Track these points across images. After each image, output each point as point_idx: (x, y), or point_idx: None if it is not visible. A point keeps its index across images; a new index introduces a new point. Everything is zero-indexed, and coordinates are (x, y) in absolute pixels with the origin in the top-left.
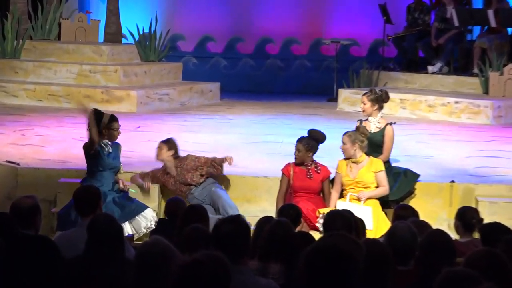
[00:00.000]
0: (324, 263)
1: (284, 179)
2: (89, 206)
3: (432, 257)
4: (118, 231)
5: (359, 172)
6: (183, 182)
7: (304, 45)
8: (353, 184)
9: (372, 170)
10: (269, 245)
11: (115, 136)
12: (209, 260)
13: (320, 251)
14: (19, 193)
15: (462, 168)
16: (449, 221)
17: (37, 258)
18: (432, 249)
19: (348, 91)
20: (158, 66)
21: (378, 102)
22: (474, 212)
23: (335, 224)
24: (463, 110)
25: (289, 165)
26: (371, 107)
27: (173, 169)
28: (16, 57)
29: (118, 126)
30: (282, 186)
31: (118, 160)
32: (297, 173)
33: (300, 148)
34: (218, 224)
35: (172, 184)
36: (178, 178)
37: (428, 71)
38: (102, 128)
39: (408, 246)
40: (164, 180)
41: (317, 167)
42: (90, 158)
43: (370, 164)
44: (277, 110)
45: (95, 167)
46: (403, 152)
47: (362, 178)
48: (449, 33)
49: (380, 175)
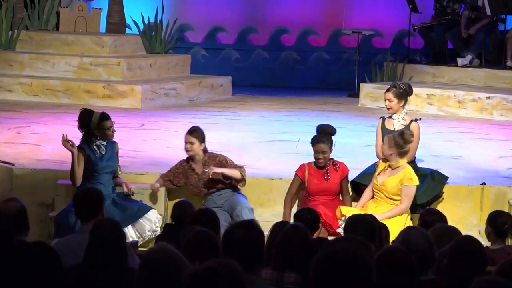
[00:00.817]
0: (334, 268)
1: (296, 181)
2: (91, 210)
3: (461, 266)
4: (121, 237)
5: (385, 180)
6: (206, 182)
7: (322, 36)
8: (379, 189)
9: (400, 181)
10: (284, 253)
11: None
12: (222, 269)
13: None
14: (15, 195)
15: (494, 170)
16: (480, 227)
17: (36, 266)
18: (461, 257)
19: (371, 85)
20: (164, 59)
21: (404, 97)
22: (507, 216)
23: (356, 229)
24: (495, 107)
25: (304, 166)
26: (397, 104)
27: (200, 166)
28: (11, 48)
29: (111, 124)
30: (291, 188)
31: (113, 161)
32: (313, 175)
33: (325, 149)
34: (229, 229)
35: (196, 181)
36: (202, 176)
37: (457, 64)
38: (93, 129)
39: (425, 253)
40: (188, 175)
41: (336, 165)
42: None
43: (401, 174)
44: (293, 106)
45: (89, 172)
46: (429, 152)
47: (386, 187)
48: (481, 23)
49: (404, 189)
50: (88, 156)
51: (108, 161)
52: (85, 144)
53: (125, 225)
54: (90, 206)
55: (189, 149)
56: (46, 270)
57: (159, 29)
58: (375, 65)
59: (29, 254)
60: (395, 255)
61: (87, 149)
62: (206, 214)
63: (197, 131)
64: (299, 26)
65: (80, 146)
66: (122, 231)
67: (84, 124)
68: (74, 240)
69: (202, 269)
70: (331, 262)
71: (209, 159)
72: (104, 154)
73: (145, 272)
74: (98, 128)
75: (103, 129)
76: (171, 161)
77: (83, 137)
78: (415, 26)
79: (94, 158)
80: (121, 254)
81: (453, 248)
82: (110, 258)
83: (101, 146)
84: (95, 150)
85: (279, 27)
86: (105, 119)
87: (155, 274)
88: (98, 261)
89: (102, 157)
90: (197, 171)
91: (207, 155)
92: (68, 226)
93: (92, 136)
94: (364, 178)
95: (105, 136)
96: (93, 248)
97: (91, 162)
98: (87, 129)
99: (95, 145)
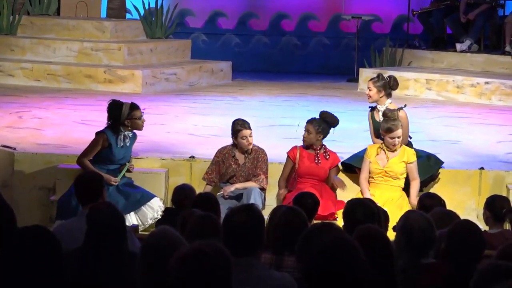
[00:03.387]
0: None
1: (289, 163)
2: (92, 194)
3: (458, 250)
4: (120, 221)
5: (390, 161)
6: (243, 175)
7: (322, 21)
8: (382, 173)
9: (404, 160)
10: (283, 236)
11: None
12: (210, 249)
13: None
14: (16, 180)
15: (492, 154)
16: (478, 211)
17: (35, 250)
18: (459, 241)
19: (370, 70)
20: (165, 44)
21: (385, 89)
22: (504, 201)
23: (356, 214)
24: (494, 92)
25: (296, 148)
26: (377, 94)
27: (242, 156)
28: (12, 33)
29: (140, 114)
30: (285, 170)
31: (129, 153)
32: (304, 157)
33: (311, 129)
34: (229, 213)
35: (234, 171)
36: (239, 168)
37: (456, 49)
38: (123, 119)
39: (427, 236)
40: (227, 162)
41: (326, 153)
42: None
43: (402, 154)
44: (293, 91)
45: (103, 158)
46: (428, 136)
47: (392, 168)
48: (480, 8)
49: (412, 166)
50: (109, 144)
51: (126, 153)
52: (110, 132)
53: (128, 211)
54: (90, 190)
55: (249, 142)
56: (45, 253)
57: (159, 14)
58: (374, 50)
59: (28, 238)
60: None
61: (111, 137)
62: (206, 199)
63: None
64: (299, 11)
65: (103, 131)
66: (121, 214)
67: (114, 115)
68: (75, 223)
69: (188, 250)
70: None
71: (252, 151)
72: (127, 145)
73: (146, 256)
74: (129, 118)
75: (133, 119)
76: (172, 146)
77: (110, 126)
78: (414, 12)
79: (115, 147)
80: (120, 237)
81: (451, 232)
82: (108, 242)
83: (127, 137)
84: (120, 140)
85: (279, 12)
86: (135, 109)
87: (156, 257)
88: (96, 245)
89: (122, 149)
90: (240, 161)
91: (252, 148)
92: (70, 208)
93: (122, 126)
94: (358, 161)
95: (135, 126)
96: (91, 232)
97: (110, 151)
98: (117, 119)
99: (122, 135)
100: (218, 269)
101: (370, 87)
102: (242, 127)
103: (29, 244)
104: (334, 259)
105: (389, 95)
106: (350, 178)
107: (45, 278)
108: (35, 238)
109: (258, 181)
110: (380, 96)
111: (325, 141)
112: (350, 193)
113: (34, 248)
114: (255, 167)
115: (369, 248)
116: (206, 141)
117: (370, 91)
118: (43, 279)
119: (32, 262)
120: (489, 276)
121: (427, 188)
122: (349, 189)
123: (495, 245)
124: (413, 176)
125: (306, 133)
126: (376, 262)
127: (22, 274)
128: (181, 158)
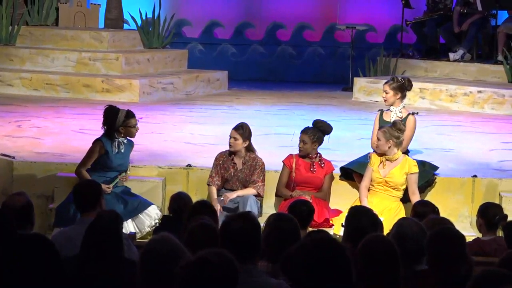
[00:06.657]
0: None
1: (285, 171)
2: (90, 202)
3: (437, 256)
4: (117, 228)
5: (390, 172)
6: (238, 180)
7: (317, 31)
8: (382, 182)
9: (405, 171)
10: (275, 243)
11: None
12: (216, 258)
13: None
14: (15, 188)
15: (485, 162)
16: (471, 218)
17: (34, 258)
18: (437, 247)
19: (364, 80)
20: (162, 54)
21: (401, 91)
22: (497, 208)
23: (361, 221)
24: (487, 100)
25: (292, 156)
26: (394, 96)
27: (240, 162)
28: (11, 43)
29: (135, 122)
30: (282, 179)
31: (127, 160)
32: (300, 166)
33: (306, 139)
34: (227, 221)
35: (230, 175)
36: (236, 173)
37: (449, 59)
38: (118, 126)
39: (420, 243)
40: (227, 166)
41: (321, 161)
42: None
43: (403, 164)
44: (289, 100)
45: (100, 166)
46: (422, 145)
47: (393, 179)
48: (472, 18)
49: (412, 177)
50: (106, 151)
51: (123, 159)
52: (106, 139)
53: (125, 219)
54: (88, 198)
55: (232, 144)
56: (43, 261)
57: (156, 25)
58: (368, 59)
59: (25, 245)
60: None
61: (107, 144)
62: (204, 206)
63: (243, 128)
64: (295, 21)
65: (99, 138)
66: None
67: (109, 120)
68: (73, 231)
69: (195, 259)
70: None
71: (249, 159)
72: (123, 152)
73: (146, 262)
74: (124, 126)
75: (128, 127)
76: (169, 154)
77: (105, 133)
78: (408, 22)
79: (111, 154)
80: (116, 243)
81: (429, 240)
82: (104, 249)
83: (122, 144)
84: (115, 147)
85: (275, 22)
86: (131, 117)
87: (156, 263)
88: (93, 252)
89: (119, 155)
90: (238, 166)
91: (249, 155)
92: (69, 216)
93: (116, 133)
94: (359, 167)
95: (129, 133)
96: (88, 240)
97: (107, 157)
98: (112, 125)
99: (117, 142)
100: (223, 278)
101: (386, 90)
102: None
103: (28, 251)
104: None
105: (404, 96)
106: (347, 186)
107: (43, 285)
108: (34, 245)
109: (256, 188)
110: (397, 98)
111: (320, 150)
112: (346, 201)
113: (33, 256)
114: (252, 174)
115: (377, 256)
116: (203, 150)
117: (386, 94)
118: (41, 286)
119: (31, 269)
120: (484, 283)
121: (422, 195)
122: (345, 197)
123: (487, 252)
124: (412, 189)
125: (301, 143)
126: (383, 270)
127: (20, 281)
128: (178, 167)
